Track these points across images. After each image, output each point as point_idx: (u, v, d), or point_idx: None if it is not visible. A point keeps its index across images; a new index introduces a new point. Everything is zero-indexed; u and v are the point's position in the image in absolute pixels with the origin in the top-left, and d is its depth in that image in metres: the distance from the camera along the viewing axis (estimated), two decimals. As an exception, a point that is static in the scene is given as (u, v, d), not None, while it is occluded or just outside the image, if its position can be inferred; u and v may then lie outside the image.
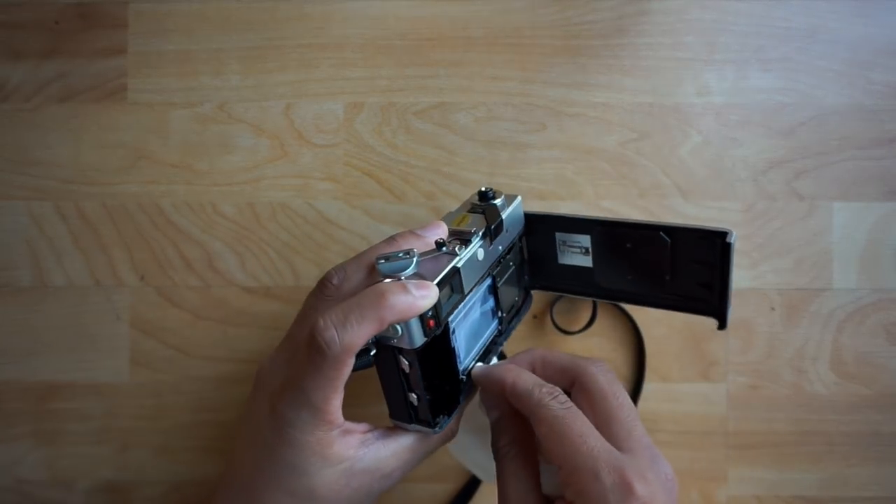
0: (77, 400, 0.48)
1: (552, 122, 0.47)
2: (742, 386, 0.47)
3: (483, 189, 0.38)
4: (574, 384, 0.33)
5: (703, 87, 0.47)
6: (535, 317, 0.47)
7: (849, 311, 0.47)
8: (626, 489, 0.27)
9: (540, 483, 0.31)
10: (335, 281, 0.33)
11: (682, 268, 0.37)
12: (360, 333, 0.29)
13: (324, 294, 0.33)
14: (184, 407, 0.48)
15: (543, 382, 0.32)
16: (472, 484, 0.47)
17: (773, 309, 0.47)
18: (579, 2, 0.47)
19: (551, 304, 0.47)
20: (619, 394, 0.32)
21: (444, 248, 0.33)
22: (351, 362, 0.30)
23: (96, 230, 0.48)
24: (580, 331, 0.46)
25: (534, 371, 0.34)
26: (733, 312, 0.47)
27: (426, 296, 0.30)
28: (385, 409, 0.34)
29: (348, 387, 0.31)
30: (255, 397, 0.33)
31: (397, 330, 0.30)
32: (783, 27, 0.47)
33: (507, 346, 0.42)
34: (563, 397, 0.31)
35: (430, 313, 0.31)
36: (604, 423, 0.31)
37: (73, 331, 0.48)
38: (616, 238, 0.38)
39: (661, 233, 0.37)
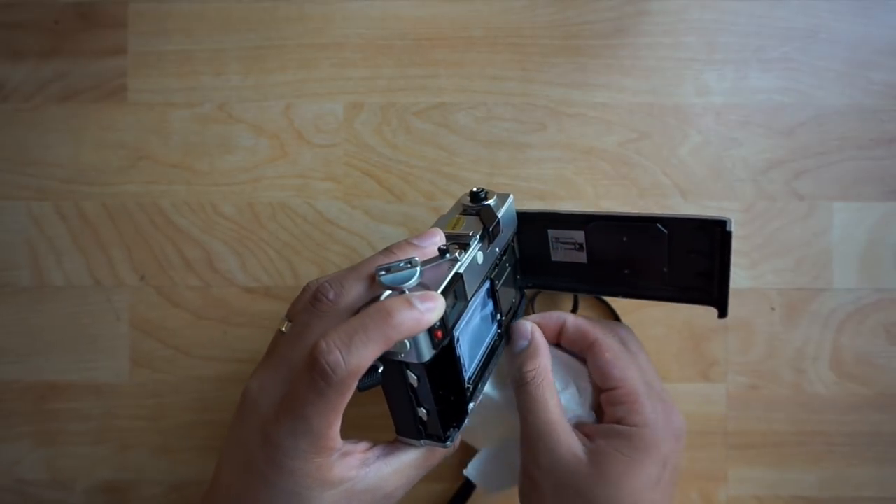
0: (77, 400, 0.48)
1: (552, 122, 0.47)
2: (742, 386, 0.47)
3: (475, 190, 0.37)
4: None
5: (703, 87, 0.47)
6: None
7: (849, 311, 0.47)
8: (670, 417, 0.34)
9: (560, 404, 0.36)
10: (331, 296, 0.30)
11: (679, 258, 0.37)
12: (366, 355, 0.27)
13: (319, 310, 0.30)
14: (184, 407, 0.48)
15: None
16: (469, 484, 0.47)
17: (773, 309, 0.47)
18: (579, 2, 0.47)
19: (532, 298, 0.47)
20: (645, 352, 0.38)
21: (447, 255, 0.31)
22: (354, 385, 0.28)
23: (96, 230, 0.48)
24: None
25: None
26: (733, 312, 0.47)
27: (433, 308, 0.29)
28: (381, 406, 0.34)
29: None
30: (244, 422, 0.31)
31: (405, 345, 0.29)
32: (783, 27, 0.47)
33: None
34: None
35: (437, 324, 0.29)
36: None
37: (73, 331, 0.48)
38: (611, 232, 0.38)
39: (658, 225, 0.36)
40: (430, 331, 0.29)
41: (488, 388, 0.39)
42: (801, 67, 0.47)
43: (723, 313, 0.36)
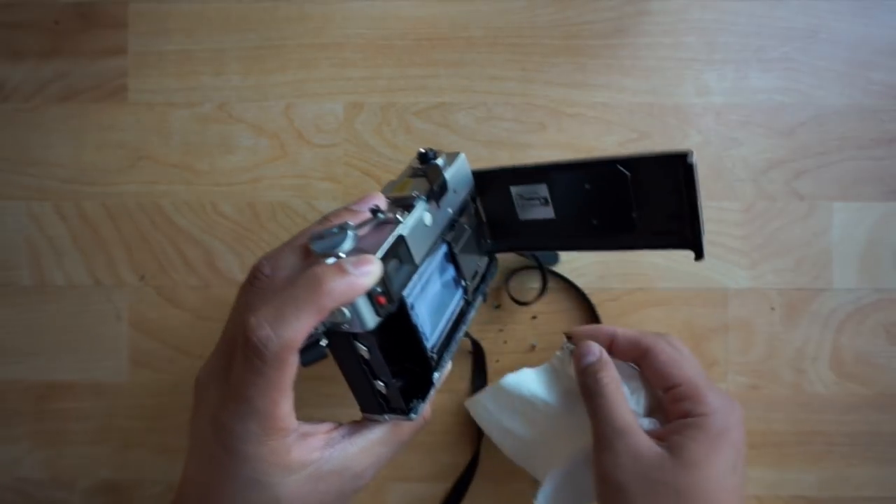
0: (77, 400, 0.48)
1: (552, 122, 0.47)
2: (742, 386, 0.47)
3: (422, 150, 0.35)
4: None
5: (703, 87, 0.47)
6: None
7: (849, 311, 0.47)
8: (732, 403, 0.35)
9: None
10: (267, 271, 0.30)
11: (647, 202, 0.34)
12: (298, 328, 0.26)
13: (256, 287, 0.30)
14: (184, 407, 0.48)
15: None
16: (464, 481, 0.47)
17: (773, 309, 0.47)
18: (579, 2, 0.47)
19: (507, 279, 0.47)
20: (692, 354, 0.39)
21: (380, 216, 0.30)
22: (294, 361, 0.27)
23: (96, 230, 0.48)
24: (534, 301, 0.46)
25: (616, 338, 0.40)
26: (733, 312, 0.47)
27: (368, 272, 0.27)
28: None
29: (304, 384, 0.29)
30: (197, 411, 0.30)
31: (345, 314, 0.27)
32: (783, 27, 0.47)
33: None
34: None
35: (378, 289, 0.28)
36: None
37: (73, 331, 0.48)
38: (573, 181, 0.36)
39: (618, 166, 0.34)
40: (371, 297, 0.28)
41: (547, 396, 0.39)
42: (801, 67, 0.47)
43: (699, 255, 0.34)
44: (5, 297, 0.48)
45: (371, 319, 0.28)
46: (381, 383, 0.30)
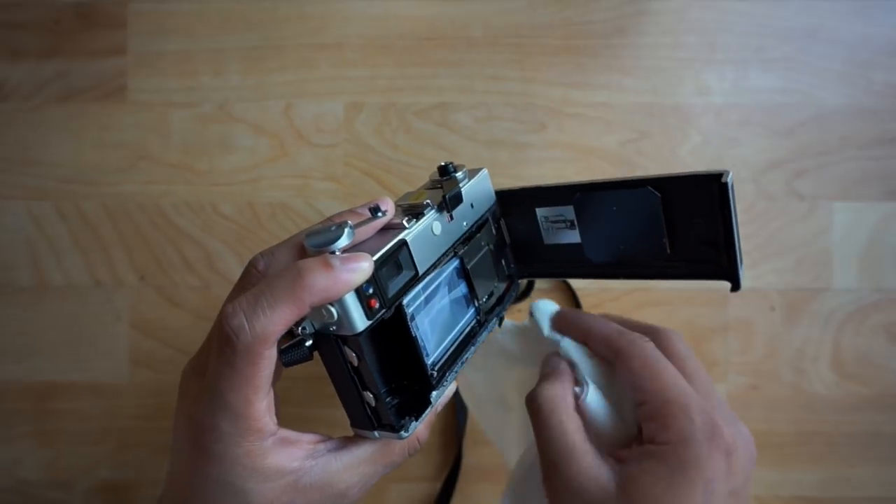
0: (77, 400, 0.48)
1: (552, 122, 0.47)
2: (742, 386, 0.47)
3: (443, 163, 0.33)
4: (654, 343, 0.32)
5: (703, 87, 0.47)
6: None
7: (849, 311, 0.47)
8: (714, 430, 0.28)
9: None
10: (261, 266, 0.28)
11: (680, 227, 0.32)
12: (273, 319, 0.25)
13: (248, 282, 0.28)
14: (184, 407, 0.48)
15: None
16: (450, 482, 0.47)
17: (773, 309, 0.47)
18: (579, 2, 0.47)
19: None
20: (696, 359, 0.32)
21: (378, 215, 0.28)
22: (269, 355, 0.25)
23: (96, 230, 0.48)
24: (520, 299, 0.46)
25: None
26: (733, 312, 0.47)
27: (355, 269, 0.26)
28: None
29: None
30: (179, 406, 0.29)
31: (332, 313, 0.26)
32: (784, 27, 0.47)
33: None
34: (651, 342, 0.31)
35: (370, 290, 0.27)
36: (686, 378, 0.30)
37: (73, 331, 0.48)
38: (600, 202, 0.33)
39: (648, 187, 0.31)
40: (362, 297, 0.26)
41: (518, 349, 0.38)
42: (801, 67, 0.47)
43: (735, 286, 0.31)
44: (5, 297, 0.48)
45: (360, 321, 0.27)
46: (371, 395, 0.29)
